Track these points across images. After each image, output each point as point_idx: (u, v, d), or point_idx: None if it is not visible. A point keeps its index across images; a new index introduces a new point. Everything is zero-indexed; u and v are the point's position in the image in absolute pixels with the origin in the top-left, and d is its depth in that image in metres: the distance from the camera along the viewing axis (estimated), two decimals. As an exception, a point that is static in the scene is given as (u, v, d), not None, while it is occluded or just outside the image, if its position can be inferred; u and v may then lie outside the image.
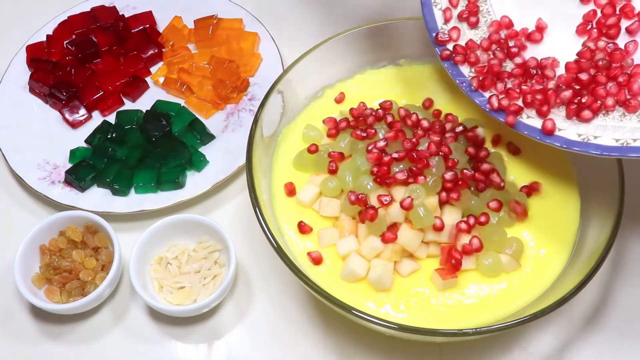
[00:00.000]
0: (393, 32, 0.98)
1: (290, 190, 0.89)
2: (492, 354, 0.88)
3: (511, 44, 0.88)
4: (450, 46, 0.90)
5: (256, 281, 0.95)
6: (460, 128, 0.91)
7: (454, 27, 0.90)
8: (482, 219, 0.84)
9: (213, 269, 0.93)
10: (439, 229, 0.82)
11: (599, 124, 0.79)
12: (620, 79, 0.80)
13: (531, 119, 0.83)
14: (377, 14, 1.01)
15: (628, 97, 0.79)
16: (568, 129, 0.80)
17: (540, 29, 0.88)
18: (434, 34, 0.91)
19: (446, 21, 0.91)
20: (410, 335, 0.76)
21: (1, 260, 0.98)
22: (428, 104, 0.96)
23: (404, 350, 0.88)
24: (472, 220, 0.84)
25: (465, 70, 0.89)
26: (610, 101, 0.79)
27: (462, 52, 0.89)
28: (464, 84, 0.88)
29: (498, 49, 0.88)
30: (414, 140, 0.87)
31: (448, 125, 0.92)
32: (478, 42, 0.89)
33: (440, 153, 0.86)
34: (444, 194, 0.84)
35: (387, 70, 1.01)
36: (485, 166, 0.87)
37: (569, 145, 0.79)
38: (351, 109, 0.95)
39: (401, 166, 0.85)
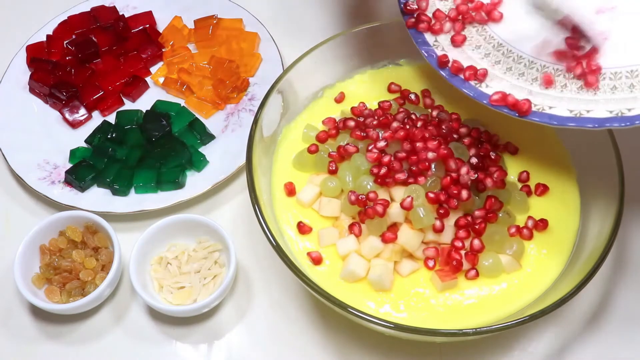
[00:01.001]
0: (393, 32, 0.98)
1: (290, 190, 0.89)
2: (492, 354, 0.88)
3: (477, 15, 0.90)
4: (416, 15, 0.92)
5: (256, 281, 0.95)
6: (464, 129, 0.91)
7: None
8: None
9: (213, 269, 0.93)
10: (439, 230, 0.82)
11: (556, 94, 0.81)
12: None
13: (490, 89, 0.84)
14: (378, 13, 1.01)
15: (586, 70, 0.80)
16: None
17: (495, 3, 0.90)
18: (402, 3, 0.92)
19: None
20: (410, 335, 0.76)
21: (1, 260, 0.98)
22: (426, 94, 0.97)
23: (404, 350, 0.88)
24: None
25: (431, 39, 0.90)
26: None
27: (427, 20, 0.90)
28: (428, 52, 0.89)
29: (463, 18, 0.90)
30: (413, 140, 0.87)
31: (448, 123, 0.92)
32: (446, 12, 0.91)
33: (441, 153, 0.86)
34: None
35: (387, 70, 1.01)
36: (488, 165, 0.87)
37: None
38: (352, 108, 0.95)
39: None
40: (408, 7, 0.92)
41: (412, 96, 0.96)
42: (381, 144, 0.87)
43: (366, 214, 0.83)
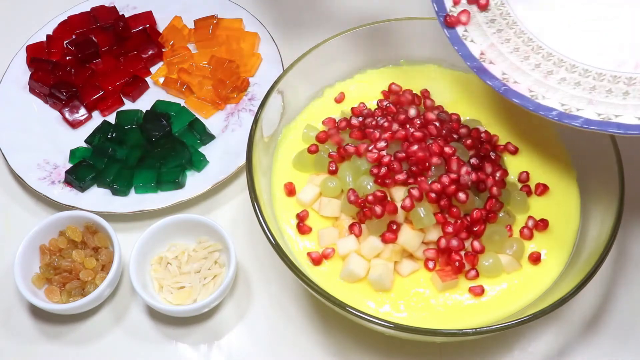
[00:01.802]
0: (393, 32, 0.98)
1: (290, 190, 0.89)
2: (492, 354, 0.88)
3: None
4: (460, 29, 0.87)
5: (256, 281, 0.95)
6: (464, 129, 0.91)
7: (464, 10, 0.88)
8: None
9: (213, 269, 0.93)
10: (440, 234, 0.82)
11: (619, 102, 0.77)
12: None
13: (547, 100, 0.80)
14: (378, 13, 1.01)
15: None
16: (586, 109, 0.78)
17: None
18: (442, 15, 0.88)
19: (455, 4, 0.89)
20: (410, 335, 0.76)
21: (1, 260, 0.98)
22: (426, 94, 0.97)
23: (404, 350, 0.88)
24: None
25: (476, 51, 0.86)
26: None
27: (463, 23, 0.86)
28: (474, 65, 0.85)
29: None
30: (413, 140, 0.87)
31: (448, 123, 0.92)
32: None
33: (441, 154, 0.85)
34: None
35: (387, 70, 1.01)
36: (488, 166, 0.87)
37: (588, 125, 0.77)
38: (352, 108, 0.95)
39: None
40: (448, 20, 0.87)
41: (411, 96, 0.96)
42: (381, 144, 0.87)
43: (364, 215, 0.83)
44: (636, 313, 0.91)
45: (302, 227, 0.86)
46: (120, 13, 1.22)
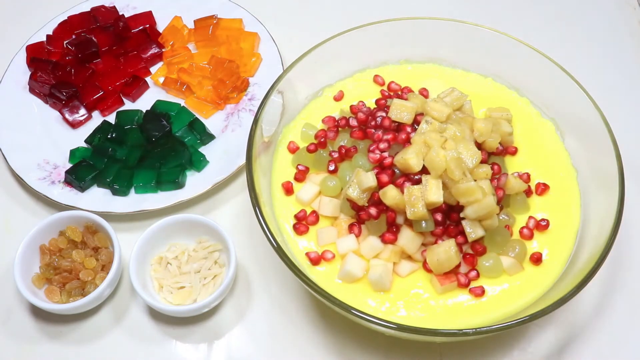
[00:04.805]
0: (393, 32, 0.98)
1: (288, 189, 0.89)
2: (492, 354, 0.88)
3: None
4: None
5: (256, 281, 0.95)
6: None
7: None
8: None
9: (213, 269, 0.93)
10: (439, 234, 0.82)
11: None
12: None
13: None
14: (377, 13, 1.01)
15: None
16: None
17: None
18: None
19: None
20: (410, 335, 0.76)
21: (1, 260, 0.98)
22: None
23: (404, 350, 0.88)
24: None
25: None
26: None
27: None
28: None
29: None
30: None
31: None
32: None
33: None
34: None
35: (387, 69, 1.01)
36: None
37: None
38: (351, 106, 0.95)
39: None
40: None
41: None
42: (383, 145, 0.87)
43: (359, 218, 0.83)
44: (635, 313, 0.91)
45: (301, 226, 0.86)
46: (120, 13, 1.22)
